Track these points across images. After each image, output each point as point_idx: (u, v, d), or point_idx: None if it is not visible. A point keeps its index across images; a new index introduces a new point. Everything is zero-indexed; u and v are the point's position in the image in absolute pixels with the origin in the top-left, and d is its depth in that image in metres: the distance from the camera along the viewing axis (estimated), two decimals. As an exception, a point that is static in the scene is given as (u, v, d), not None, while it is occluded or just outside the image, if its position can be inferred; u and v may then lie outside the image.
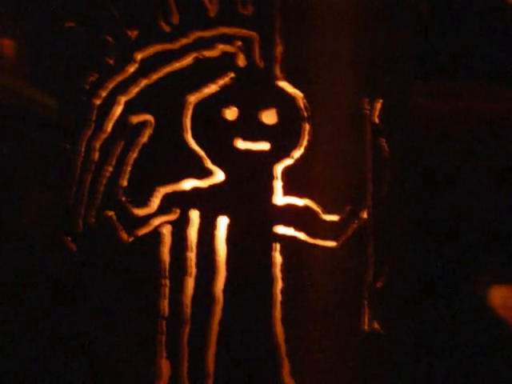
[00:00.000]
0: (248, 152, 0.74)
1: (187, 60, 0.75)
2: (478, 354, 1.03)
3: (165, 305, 0.74)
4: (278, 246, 0.74)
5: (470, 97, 1.17)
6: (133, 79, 0.75)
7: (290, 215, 0.75)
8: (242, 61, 0.74)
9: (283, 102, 0.75)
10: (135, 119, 0.75)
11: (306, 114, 0.75)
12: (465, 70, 1.22)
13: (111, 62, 0.76)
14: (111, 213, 0.75)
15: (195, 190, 0.74)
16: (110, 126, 0.76)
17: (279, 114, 0.74)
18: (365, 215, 0.77)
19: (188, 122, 0.74)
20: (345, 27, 0.77)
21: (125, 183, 0.75)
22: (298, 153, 0.75)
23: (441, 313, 1.05)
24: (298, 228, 0.75)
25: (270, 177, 0.75)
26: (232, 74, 0.74)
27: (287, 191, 0.75)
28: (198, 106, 0.74)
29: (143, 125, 0.75)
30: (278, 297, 0.74)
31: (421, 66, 0.86)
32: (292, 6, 0.75)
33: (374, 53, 0.79)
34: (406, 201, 0.82)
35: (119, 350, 0.76)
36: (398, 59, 0.81)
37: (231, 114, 0.74)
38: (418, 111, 0.86)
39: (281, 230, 0.75)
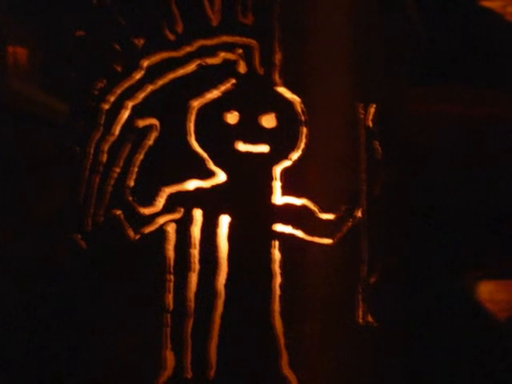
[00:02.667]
0: (248, 154, 0.74)
1: (191, 67, 0.75)
2: (466, 346, 1.03)
3: (170, 299, 0.74)
4: (276, 243, 0.74)
5: (459, 101, 1.16)
6: (139, 85, 0.75)
7: (288, 214, 0.75)
8: (242, 68, 0.74)
9: (282, 107, 0.75)
10: (141, 123, 0.75)
11: (303, 118, 0.74)
12: (454, 74, 1.22)
13: (119, 68, 0.76)
14: (119, 212, 0.75)
15: (198, 190, 0.74)
16: (117, 130, 0.76)
17: (278, 118, 0.74)
18: (359, 214, 0.77)
19: (191, 126, 0.74)
20: (340, 36, 0.77)
21: (132, 184, 0.75)
22: (295, 155, 0.75)
23: (431, 306, 1.05)
24: (295, 226, 0.75)
25: (270, 177, 0.74)
26: (233, 81, 0.74)
27: (285, 191, 0.75)
28: (201, 110, 0.74)
29: (149, 128, 0.75)
30: (277, 291, 0.73)
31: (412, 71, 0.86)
32: (290, 16, 0.74)
33: (368, 60, 0.79)
34: (399, 200, 0.82)
35: (126, 343, 0.76)
36: (391, 66, 0.81)
37: (232, 118, 0.74)
38: (410, 115, 0.86)
39: (279, 227, 0.74)
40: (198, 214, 0.74)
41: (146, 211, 0.75)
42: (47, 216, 1.11)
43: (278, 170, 0.75)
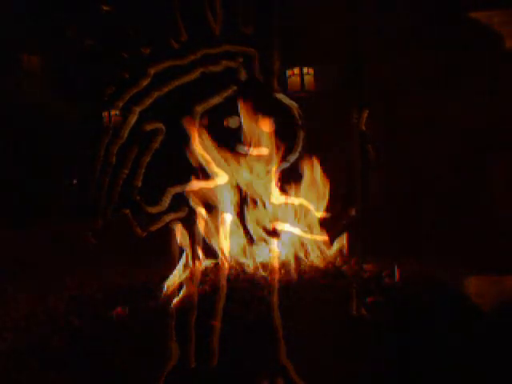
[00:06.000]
0: (249, 156, 0.75)
1: (195, 74, 0.75)
2: (455, 337, 1.03)
3: (175, 293, 0.74)
4: (275, 241, 0.74)
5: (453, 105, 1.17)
6: (146, 91, 0.76)
7: (286, 213, 0.76)
8: (243, 75, 0.75)
9: (280, 112, 0.76)
10: (148, 127, 0.76)
11: (300, 122, 0.75)
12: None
13: (127, 76, 0.77)
14: (127, 210, 0.76)
15: (202, 190, 0.75)
16: (126, 133, 0.77)
17: (276, 122, 0.75)
18: (353, 212, 0.78)
19: (195, 130, 0.75)
20: (336, 46, 0.78)
21: (139, 184, 0.76)
22: (293, 157, 0.76)
23: (423, 301, 1.05)
24: (293, 224, 0.76)
25: (269, 178, 0.75)
26: (234, 87, 0.75)
27: (284, 191, 0.76)
28: (204, 115, 0.75)
29: (155, 132, 0.76)
30: (276, 285, 0.74)
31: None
32: (288, 27, 0.75)
33: (362, 66, 0.80)
34: (392, 200, 0.83)
35: (131, 336, 0.76)
36: (383, 74, 0.82)
37: (234, 122, 0.75)
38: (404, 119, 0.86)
39: (278, 225, 0.75)
40: (201, 213, 0.75)
41: (153, 210, 0.76)
42: (62, 213, 1.11)
43: (276, 172, 0.76)
